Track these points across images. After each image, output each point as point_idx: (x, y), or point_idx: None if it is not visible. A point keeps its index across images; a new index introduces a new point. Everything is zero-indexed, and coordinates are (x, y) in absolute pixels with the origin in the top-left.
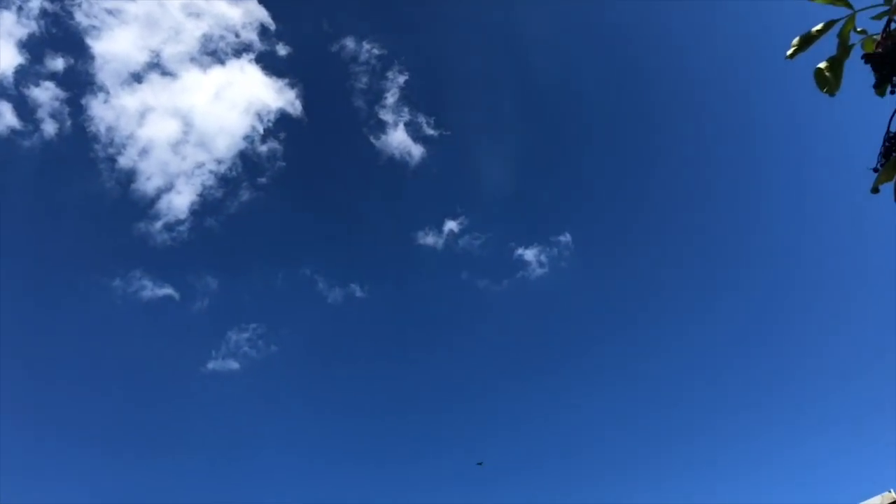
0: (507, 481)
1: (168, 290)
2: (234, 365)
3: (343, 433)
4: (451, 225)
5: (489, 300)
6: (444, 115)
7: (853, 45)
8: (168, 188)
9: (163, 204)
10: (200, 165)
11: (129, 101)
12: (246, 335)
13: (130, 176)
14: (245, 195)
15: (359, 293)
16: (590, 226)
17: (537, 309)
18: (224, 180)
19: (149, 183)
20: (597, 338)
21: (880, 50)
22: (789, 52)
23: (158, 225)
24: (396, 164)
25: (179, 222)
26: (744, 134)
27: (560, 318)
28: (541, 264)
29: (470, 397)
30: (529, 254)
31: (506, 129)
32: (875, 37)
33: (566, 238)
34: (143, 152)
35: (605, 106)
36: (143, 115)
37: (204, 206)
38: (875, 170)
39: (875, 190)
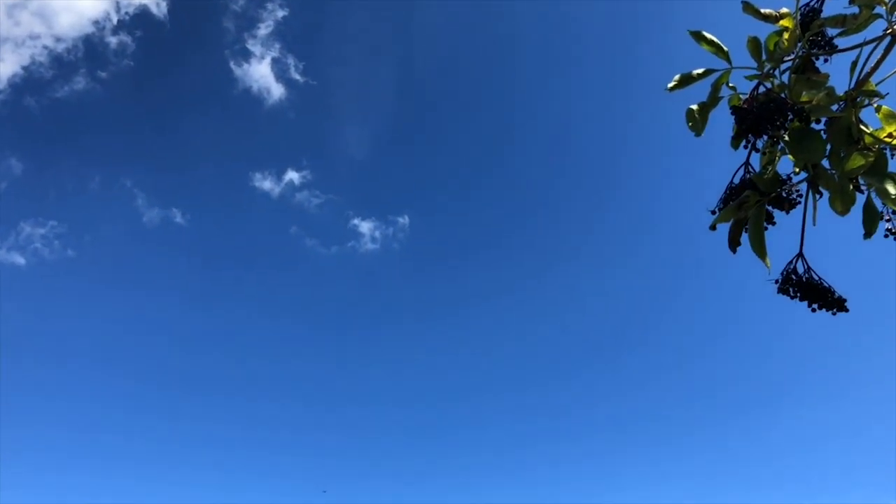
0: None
1: None
2: (19, 259)
3: (124, 358)
4: (292, 175)
5: (313, 261)
6: (316, 63)
7: (723, 97)
8: None
9: None
10: (35, 37)
11: None
12: (42, 231)
13: None
14: (79, 83)
15: (178, 219)
16: (431, 214)
17: (359, 281)
18: (58, 61)
19: None
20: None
21: (746, 106)
22: (670, 85)
23: None
24: (252, 98)
25: None
26: (609, 146)
27: (378, 295)
28: (373, 240)
29: (269, 351)
30: (365, 226)
31: (375, 97)
32: (742, 95)
33: (404, 220)
34: None
35: (481, 101)
36: None
37: (27, 83)
38: (713, 212)
39: (713, 227)
